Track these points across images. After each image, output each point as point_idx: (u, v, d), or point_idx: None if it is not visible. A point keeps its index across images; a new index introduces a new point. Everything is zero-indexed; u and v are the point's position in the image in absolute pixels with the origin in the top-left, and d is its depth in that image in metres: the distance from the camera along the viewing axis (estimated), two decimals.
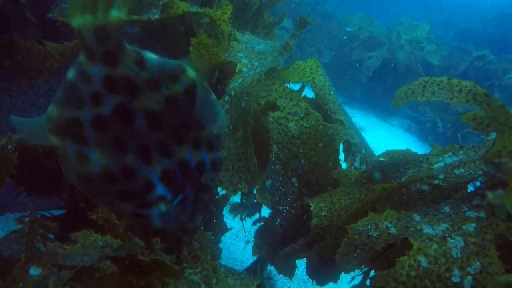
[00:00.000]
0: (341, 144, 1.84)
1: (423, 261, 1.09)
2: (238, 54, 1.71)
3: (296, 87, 1.94)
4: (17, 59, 1.47)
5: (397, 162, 1.55)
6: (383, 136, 6.60)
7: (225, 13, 1.73)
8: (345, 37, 7.38)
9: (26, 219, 1.11)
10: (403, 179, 1.43)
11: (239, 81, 1.62)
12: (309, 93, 1.95)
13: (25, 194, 1.84)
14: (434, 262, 1.09)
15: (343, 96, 7.73)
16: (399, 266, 1.10)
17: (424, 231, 1.18)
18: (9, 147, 1.02)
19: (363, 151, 1.82)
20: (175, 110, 1.17)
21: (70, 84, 1.10)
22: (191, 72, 1.19)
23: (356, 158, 1.79)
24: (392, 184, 1.38)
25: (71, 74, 1.09)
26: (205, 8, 1.76)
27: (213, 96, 1.26)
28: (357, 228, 1.25)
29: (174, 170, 1.22)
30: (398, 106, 1.42)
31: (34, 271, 0.89)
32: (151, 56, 1.15)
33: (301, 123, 1.77)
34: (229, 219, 2.30)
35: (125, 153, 1.14)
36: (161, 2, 1.62)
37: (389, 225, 1.22)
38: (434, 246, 1.12)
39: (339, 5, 10.20)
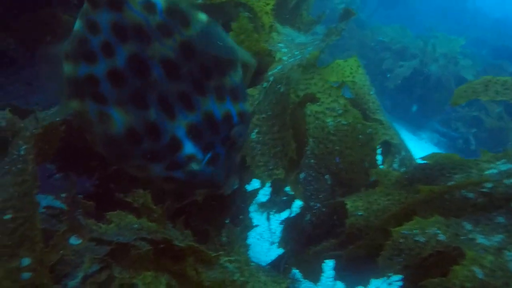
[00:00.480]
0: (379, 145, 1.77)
1: (479, 273, 1.00)
2: (279, 44, 1.66)
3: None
4: (59, 34, 1.47)
5: (442, 165, 1.45)
6: (411, 150, 6.39)
7: (268, 4, 1.68)
8: (377, 47, 7.24)
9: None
10: (449, 184, 1.34)
11: (278, 68, 1.57)
12: (346, 94, 1.89)
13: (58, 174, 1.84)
14: (491, 275, 1.00)
15: None
16: (453, 275, 1.02)
17: (478, 241, 1.09)
18: (57, 119, 1.00)
19: (403, 153, 1.73)
20: (191, 57, 1.09)
21: (79, 36, 1.03)
22: (202, 15, 1.11)
23: (395, 159, 1.71)
24: (441, 187, 1.29)
25: (77, 24, 1.03)
26: None
27: (230, 40, 1.17)
28: (402, 232, 1.16)
29: (200, 124, 1.14)
30: (457, 104, 1.34)
31: (74, 240, 0.86)
32: None
33: (339, 119, 1.70)
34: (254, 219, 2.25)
35: (147, 108, 1.07)
36: None
37: (438, 232, 1.14)
38: (490, 257, 1.04)
39: (373, 15, 10.07)
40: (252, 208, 1.83)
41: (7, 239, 0.78)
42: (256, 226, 2.02)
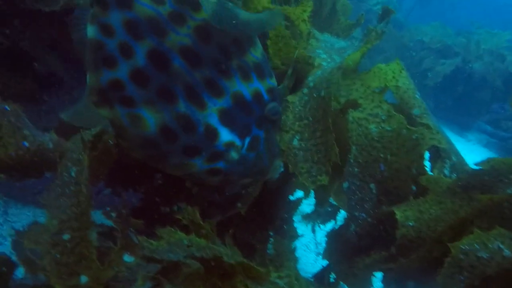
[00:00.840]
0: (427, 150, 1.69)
1: None
2: (317, 50, 1.63)
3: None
4: None
5: (499, 171, 1.35)
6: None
7: (305, 11, 1.67)
8: (416, 47, 7.00)
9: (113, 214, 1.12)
10: (509, 191, 1.24)
11: (318, 73, 1.53)
12: (389, 99, 1.82)
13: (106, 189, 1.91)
14: None
15: None
16: None
17: None
18: (110, 141, 1.03)
19: (454, 158, 1.64)
20: (208, 40, 1.05)
21: (95, 43, 1.00)
22: None
23: (445, 165, 1.61)
24: (502, 195, 1.20)
25: (90, 31, 1.00)
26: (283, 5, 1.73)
27: (243, 14, 1.10)
28: (463, 247, 1.09)
29: (231, 107, 1.10)
30: None
31: (127, 258, 0.89)
32: None
33: (383, 125, 1.64)
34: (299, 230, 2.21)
35: (175, 101, 1.04)
36: None
37: (501, 246, 1.05)
38: None
39: (410, 14, 9.78)
40: (296, 218, 1.80)
41: (67, 258, 0.82)
42: (301, 235, 1.98)
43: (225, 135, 1.12)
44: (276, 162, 1.30)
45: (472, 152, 6.19)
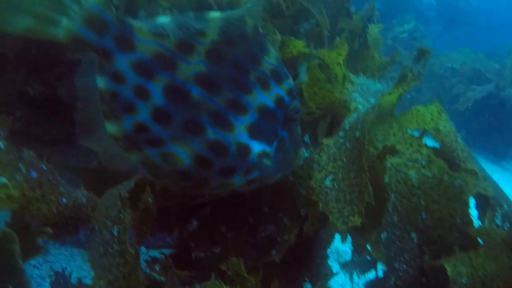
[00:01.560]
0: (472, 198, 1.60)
1: None
2: (353, 93, 1.61)
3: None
4: None
5: None
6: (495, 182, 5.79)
7: (340, 55, 1.66)
8: (447, 74, 6.85)
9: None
10: None
11: (354, 116, 1.50)
12: (428, 142, 1.75)
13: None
14: None
15: None
16: None
17: None
18: (149, 199, 1.03)
19: (505, 206, 1.54)
20: (221, 61, 1.04)
21: (108, 93, 0.98)
22: (213, 13, 1.04)
23: (496, 214, 1.52)
24: None
25: (100, 82, 0.97)
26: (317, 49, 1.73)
27: (249, 23, 1.09)
28: None
29: (258, 120, 1.11)
30: None
31: None
32: (164, 20, 1.01)
33: (423, 171, 1.58)
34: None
35: (203, 131, 1.04)
36: (278, 38, 1.61)
37: None
38: None
39: (437, 40, 9.64)
40: (334, 266, 1.73)
41: None
42: (336, 273, 1.90)
43: (256, 147, 1.14)
44: (300, 152, 1.33)
45: (510, 182, 5.88)
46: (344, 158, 1.52)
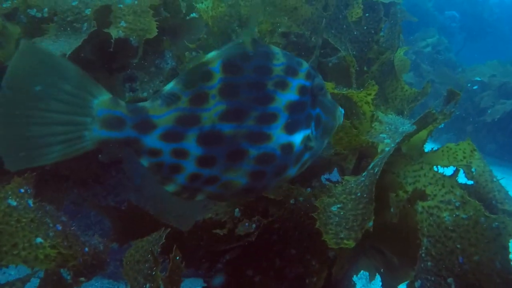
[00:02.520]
0: None
1: None
2: (381, 135, 1.58)
3: (447, 171, 1.72)
4: None
5: None
6: None
7: (369, 94, 1.64)
8: (475, 87, 6.67)
9: None
10: None
11: (380, 157, 1.48)
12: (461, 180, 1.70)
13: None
14: None
15: None
16: None
17: None
18: (178, 258, 1.04)
19: None
20: (236, 91, 1.10)
21: (154, 166, 1.07)
22: (211, 53, 1.10)
23: None
24: None
25: (144, 162, 1.07)
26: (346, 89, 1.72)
27: (246, 39, 1.14)
28: None
29: (289, 117, 1.18)
30: None
31: None
32: (170, 86, 1.08)
33: (457, 213, 1.52)
34: None
35: (246, 153, 1.13)
36: None
37: None
38: None
39: (461, 51, 9.45)
40: None
41: None
42: None
43: (298, 138, 1.21)
44: (337, 113, 1.39)
45: None
46: (359, 192, 1.49)
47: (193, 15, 2.17)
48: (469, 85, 6.74)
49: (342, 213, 1.42)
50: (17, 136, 0.89)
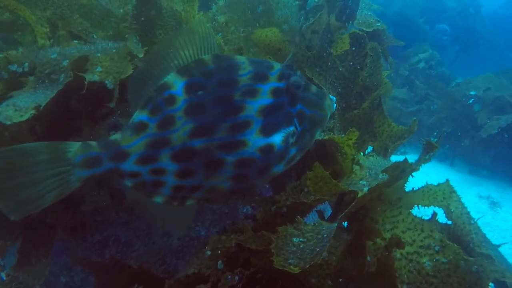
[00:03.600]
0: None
1: None
2: (361, 182, 1.63)
3: (426, 210, 1.76)
4: None
5: None
6: None
7: (351, 139, 1.71)
8: (470, 101, 6.73)
9: None
10: None
11: (353, 204, 1.51)
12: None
13: None
14: None
15: (468, 164, 6.96)
16: None
17: None
18: None
19: None
20: (202, 108, 1.19)
21: (138, 185, 1.23)
22: (169, 76, 1.20)
23: None
24: None
25: (128, 183, 1.23)
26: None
27: (207, 58, 1.24)
28: None
29: (265, 121, 1.24)
30: None
31: None
32: (138, 115, 1.22)
33: (437, 257, 1.55)
34: None
35: (224, 161, 1.22)
36: None
37: None
38: None
39: (453, 64, 9.55)
40: None
41: None
42: None
43: (277, 138, 1.27)
44: (325, 103, 1.43)
45: None
46: (326, 234, 1.51)
47: None
48: (463, 100, 6.79)
49: (301, 246, 1.46)
50: (17, 195, 1.11)
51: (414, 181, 1.81)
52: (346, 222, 1.71)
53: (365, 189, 1.61)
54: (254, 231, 1.55)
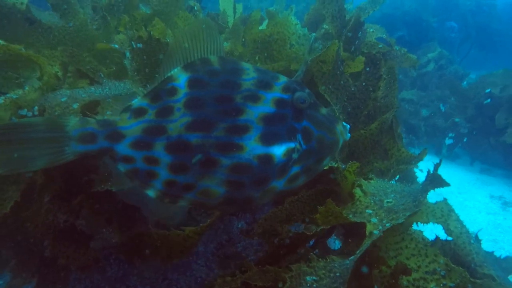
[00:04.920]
0: None
1: None
2: (367, 211, 1.68)
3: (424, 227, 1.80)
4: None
5: None
6: None
7: (352, 168, 1.77)
8: (488, 101, 6.63)
9: None
10: None
11: (367, 244, 1.56)
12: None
13: None
14: None
15: (480, 162, 6.89)
16: None
17: None
18: None
19: None
20: (201, 104, 1.23)
21: (130, 172, 1.26)
22: (175, 70, 1.26)
23: None
24: None
25: (121, 168, 1.28)
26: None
27: (214, 58, 1.28)
28: None
29: (265, 129, 1.25)
30: None
31: None
32: (137, 101, 1.28)
33: (444, 282, 1.59)
34: None
35: (218, 162, 1.24)
36: None
37: None
38: None
39: (463, 61, 9.48)
40: None
41: None
42: None
43: (278, 150, 1.27)
44: (337, 128, 1.41)
45: None
46: (339, 273, 1.56)
47: None
48: (477, 99, 6.71)
49: (314, 285, 1.52)
50: (9, 153, 1.18)
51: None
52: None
53: (373, 220, 1.66)
54: (259, 265, 1.61)
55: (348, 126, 1.47)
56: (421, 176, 1.92)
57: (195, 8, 3.34)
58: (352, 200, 1.80)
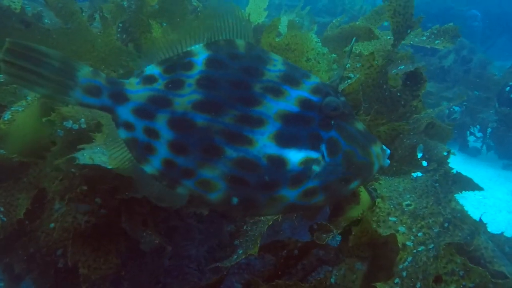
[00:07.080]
0: None
1: None
2: (390, 219, 1.71)
3: None
4: None
5: None
6: None
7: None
8: None
9: None
10: None
11: (409, 260, 1.61)
12: None
13: None
14: None
15: (506, 158, 6.80)
16: None
17: None
18: None
19: None
20: (215, 85, 1.19)
21: (130, 141, 1.24)
22: (197, 46, 1.22)
23: None
24: None
25: (122, 134, 1.26)
26: None
27: (241, 42, 1.24)
28: None
29: (283, 128, 1.18)
30: None
31: None
32: (151, 68, 1.24)
33: (464, 283, 1.64)
34: None
35: (222, 151, 1.18)
36: None
37: None
38: None
39: (490, 48, 9.35)
40: None
41: None
42: None
43: (294, 156, 1.19)
44: (373, 149, 1.28)
45: None
46: None
47: None
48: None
49: None
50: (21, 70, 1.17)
51: None
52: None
53: (401, 228, 1.73)
54: (268, 280, 1.66)
55: (389, 151, 1.32)
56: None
57: (198, 9, 3.40)
58: (355, 200, 1.86)
